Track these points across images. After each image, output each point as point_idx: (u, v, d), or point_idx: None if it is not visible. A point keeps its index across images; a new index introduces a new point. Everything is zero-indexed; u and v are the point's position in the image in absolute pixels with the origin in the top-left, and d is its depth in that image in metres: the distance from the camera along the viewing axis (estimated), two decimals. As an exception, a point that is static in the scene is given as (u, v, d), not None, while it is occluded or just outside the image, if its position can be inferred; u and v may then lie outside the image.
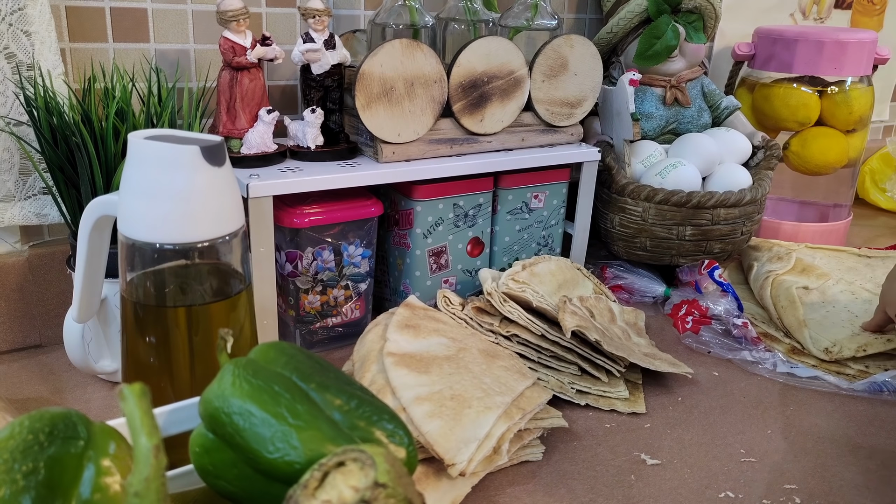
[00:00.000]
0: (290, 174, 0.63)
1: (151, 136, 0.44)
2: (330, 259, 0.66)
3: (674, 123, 0.87)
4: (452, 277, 0.74)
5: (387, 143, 0.66)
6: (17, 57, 0.61)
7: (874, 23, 1.21)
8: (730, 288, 0.76)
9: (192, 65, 0.71)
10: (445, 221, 0.71)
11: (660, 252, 0.82)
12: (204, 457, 0.34)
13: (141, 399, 0.28)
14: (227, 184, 0.45)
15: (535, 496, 0.50)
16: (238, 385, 0.34)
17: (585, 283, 0.75)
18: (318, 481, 0.29)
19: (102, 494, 0.30)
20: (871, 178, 1.23)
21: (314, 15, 0.64)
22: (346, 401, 0.36)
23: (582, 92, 0.76)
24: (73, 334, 0.55)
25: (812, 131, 0.94)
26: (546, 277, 0.70)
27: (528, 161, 0.73)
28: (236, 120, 0.65)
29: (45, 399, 0.60)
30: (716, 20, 0.86)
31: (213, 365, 0.40)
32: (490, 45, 0.68)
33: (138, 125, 0.59)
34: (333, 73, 0.67)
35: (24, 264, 0.66)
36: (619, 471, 0.53)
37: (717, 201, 0.77)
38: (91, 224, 0.49)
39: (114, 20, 0.66)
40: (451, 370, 0.55)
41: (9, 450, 0.29)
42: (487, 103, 0.70)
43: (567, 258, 0.77)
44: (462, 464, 0.47)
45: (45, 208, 0.65)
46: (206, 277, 0.47)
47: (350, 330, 0.70)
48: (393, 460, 0.30)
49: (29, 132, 0.62)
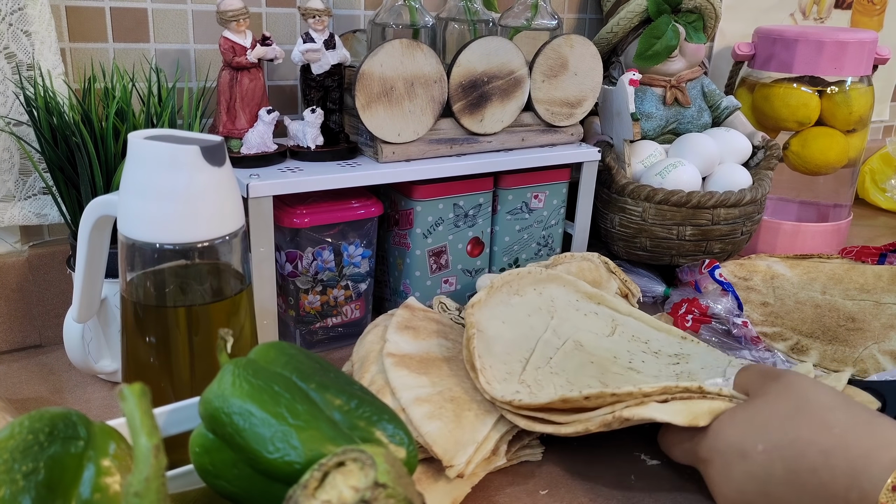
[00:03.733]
0: (290, 174, 0.63)
1: (151, 136, 0.44)
2: (330, 259, 0.66)
3: (674, 123, 0.87)
4: (452, 277, 0.74)
5: (387, 143, 0.66)
6: (17, 57, 0.61)
7: (874, 23, 1.21)
8: (730, 287, 0.76)
9: (192, 65, 0.71)
10: (445, 221, 0.71)
11: (660, 252, 0.82)
12: (204, 457, 0.34)
13: (141, 399, 0.28)
14: (227, 184, 0.45)
15: (535, 496, 0.50)
16: (238, 385, 0.34)
17: (610, 282, 0.74)
18: (318, 481, 0.29)
19: (102, 494, 0.30)
20: (871, 178, 1.23)
21: (314, 15, 0.64)
22: (347, 401, 0.36)
23: (582, 92, 0.76)
24: (73, 334, 0.55)
25: (812, 131, 0.94)
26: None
27: (528, 161, 0.73)
28: (236, 120, 0.65)
29: (45, 399, 0.60)
30: (716, 20, 0.86)
31: (213, 365, 0.40)
32: (490, 45, 0.68)
33: (138, 125, 0.59)
34: (333, 73, 0.67)
35: (24, 264, 0.66)
36: (619, 471, 0.53)
37: (717, 201, 0.77)
38: (91, 224, 0.49)
39: (114, 20, 0.66)
40: (451, 372, 0.55)
41: (9, 450, 0.29)
42: (487, 103, 0.70)
43: (596, 253, 0.76)
44: (460, 465, 0.47)
45: (45, 208, 0.65)
46: (206, 277, 0.47)
47: (350, 330, 0.70)
48: (393, 460, 0.30)
49: (29, 132, 0.62)
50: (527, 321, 0.61)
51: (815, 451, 0.39)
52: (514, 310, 0.62)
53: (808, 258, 0.87)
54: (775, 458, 0.41)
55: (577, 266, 0.72)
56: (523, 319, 0.61)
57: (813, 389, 0.43)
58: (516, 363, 0.56)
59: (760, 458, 0.41)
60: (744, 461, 0.42)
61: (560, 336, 0.60)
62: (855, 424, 0.40)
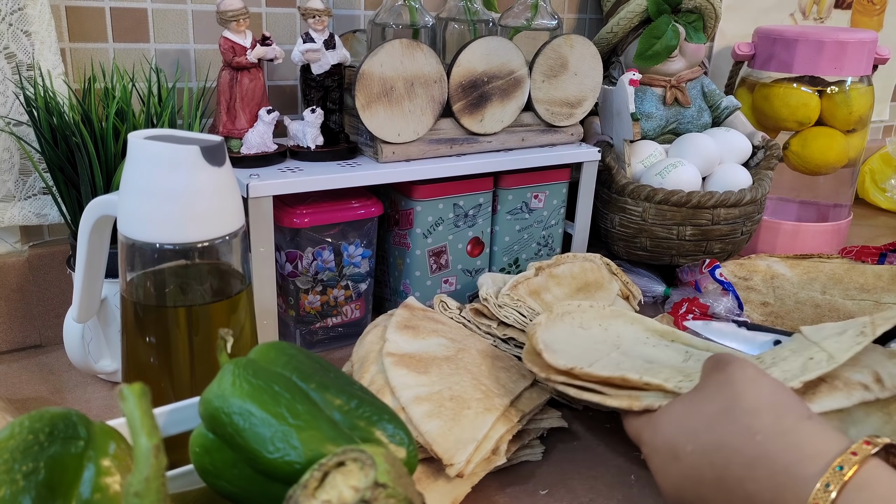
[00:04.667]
0: (290, 174, 0.63)
1: (151, 136, 0.44)
2: (330, 259, 0.66)
3: (674, 123, 0.87)
4: (452, 277, 0.74)
5: (387, 143, 0.66)
6: (17, 57, 0.61)
7: (874, 23, 1.21)
8: (730, 287, 0.76)
9: (192, 65, 0.71)
10: (445, 221, 0.71)
11: (660, 252, 0.82)
12: (204, 457, 0.35)
13: (141, 399, 0.28)
14: (227, 184, 0.45)
15: (535, 496, 0.50)
16: (238, 385, 0.34)
17: (612, 283, 0.73)
18: (318, 481, 0.29)
19: (102, 494, 0.30)
20: (871, 178, 1.23)
21: (314, 15, 0.64)
22: (347, 401, 0.36)
23: (582, 92, 0.76)
24: (73, 334, 0.55)
25: (812, 131, 0.94)
26: (566, 280, 0.70)
27: (528, 161, 0.73)
28: (236, 120, 0.65)
29: (45, 399, 0.60)
30: (716, 20, 0.86)
31: (213, 365, 0.40)
32: (490, 45, 0.68)
33: (138, 125, 0.59)
34: (333, 73, 0.67)
35: (24, 264, 0.66)
36: (619, 471, 0.53)
37: (717, 201, 0.77)
38: (91, 224, 0.49)
39: (114, 20, 0.66)
40: (451, 371, 0.55)
41: (9, 450, 0.29)
42: (487, 103, 0.70)
43: (598, 255, 0.76)
44: (460, 464, 0.47)
45: (45, 208, 0.65)
46: (206, 277, 0.47)
47: (350, 330, 0.70)
48: (393, 460, 0.30)
49: (29, 132, 0.62)
50: (593, 345, 0.59)
51: (740, 462, 0.38)
52: (578, 339, 0.59)
53: (808, 258, 0.86)
54: (704, 463, 0.40)
55: (580, 266, 0.72)
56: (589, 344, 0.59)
57: (746, 386, 0.41)
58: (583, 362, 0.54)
59: (690, 459, 0.41)
60: (676, 462, 0.42)
61: (629, 356, 0.57)
62: (779, 432, 0.38)
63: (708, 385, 0.43)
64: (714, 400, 0.42)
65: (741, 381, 0.42)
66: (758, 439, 0.38)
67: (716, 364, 0.44)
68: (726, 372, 0.43)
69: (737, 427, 0.39)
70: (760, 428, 0.39)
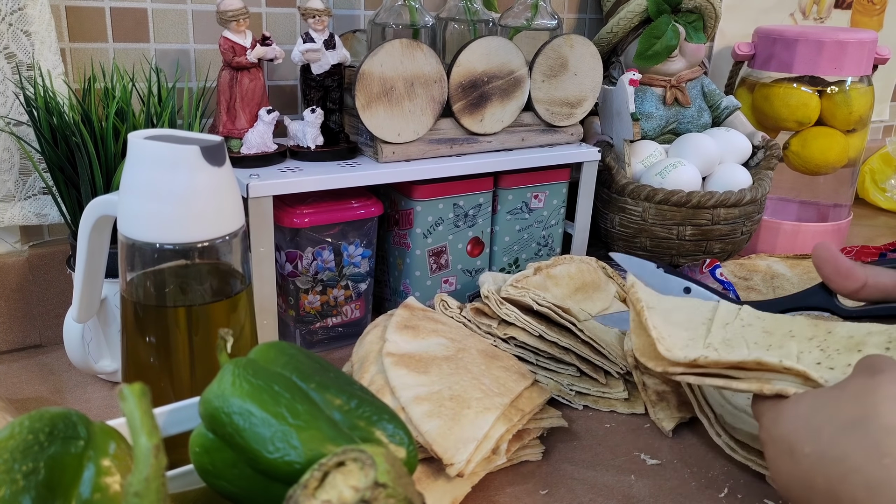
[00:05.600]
0: (290, 174, 0.63)
1: (151, 136, 0.44)
2: (330, 259, 0.66)
3: (674, 123, 0.87)
4: (452, 277, 0.74)
5: (387, 143, 0.66)
6: (17, 57, 0.61)
7: (874, 23, 1.21)
8: (731, 286, 0.76)
9: (192, 65, 0.71)
10: (445, 221, 0.71)
11: (660, 252, 0.82)
12: (204, 457, 0.34)
13: (141, 399, 0.28)
14: (227, 184, 0.45)
15: (535, 496, 0.50)
16: (238, 385, 0.34)
17: (608, 285, 0.73)
18: (318, 481, 0.29)
19: (102, 494, 0.30)
20: (871, 178, 1.23)
21: (314, 15, 0.64)
22: (347, 401, 0.36)
23: (582, 92, 0.76)
24: (73, 334, 0.55)
25: (812, 131, 0.94)
26: (563, 280, 0.70)
27: (528, 161, 0.73)
28: (236, 120, 0.65)
29: (45, 399, 0.60)
30: (716, 20, 0.86)
31: (213, 365, 0.40)
32: (490, 45, 0.68)
33: (138, 125, 0.59)
34: (333, 73, 0.67)
35: (24, 264, 0.66)
36: (619, 471, 0.53)
37: (717, 201, 0.77)
38: (91, 224, 0.49)
39: (114, 20, 0.66)
40: (451, 370, 0.55)
41: (9, 450, 0.29)
42: (487, 103, 0.70)
43: (593, 258, 0.76)
44: (460, 464, 0.47)
45: (45, 208, 0.65)
46: (206, 277, 0.47)
47: (350, 330, 0.70)
48: (393, 460, 0.30)
49: (29, 132, 0.62)
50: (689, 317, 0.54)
51: (858, 482, 0.34)
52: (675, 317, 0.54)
53: (808, 258, 0.86)
54: (818, 471, 0.36)
55: (577, 268, 0.72)
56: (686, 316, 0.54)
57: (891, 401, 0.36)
58: (700, 326, 0.51)
59: (806, 462, 0.37)
60: (791, 460, 0.38)
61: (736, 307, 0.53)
62: None
63: (849, 386, 0.38)
64: (849, 405, 0.37)
65: (887, 394, 0.36)
66: (885, 462, 0.34)
67: (869, 366, 0.39)
68: (875, 379, 0.38)
69: (866, 442, 0.35)
70: (891, 450, 0.34)
